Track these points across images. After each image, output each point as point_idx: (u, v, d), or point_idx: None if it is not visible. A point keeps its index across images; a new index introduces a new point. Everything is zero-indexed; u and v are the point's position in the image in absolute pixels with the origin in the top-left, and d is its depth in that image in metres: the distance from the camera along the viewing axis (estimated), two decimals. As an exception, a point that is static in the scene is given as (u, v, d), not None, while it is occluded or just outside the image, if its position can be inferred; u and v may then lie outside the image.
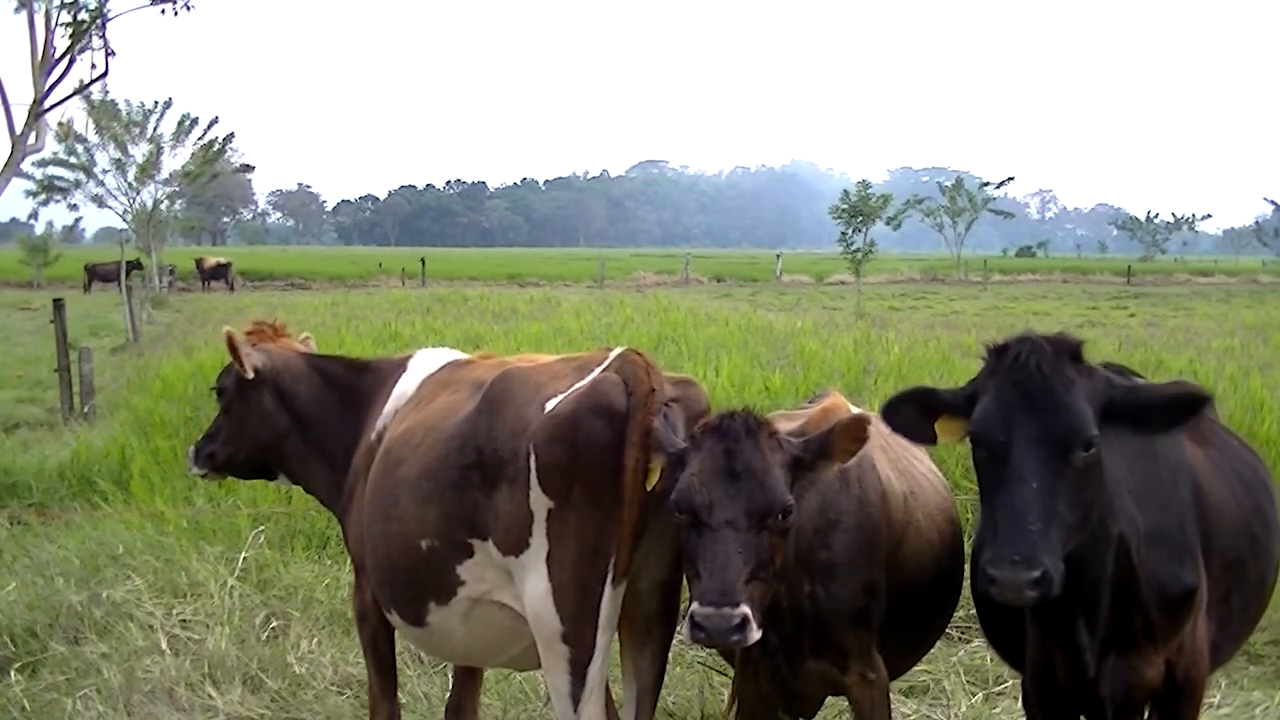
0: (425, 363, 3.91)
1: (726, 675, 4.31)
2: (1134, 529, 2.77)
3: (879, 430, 3.07)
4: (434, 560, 3.24)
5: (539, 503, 3.02)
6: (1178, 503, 2.88)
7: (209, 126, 39.22)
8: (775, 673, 3.03)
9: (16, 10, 10.27)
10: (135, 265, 31.78)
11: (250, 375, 4.06)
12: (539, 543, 3.03)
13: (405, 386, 3.82)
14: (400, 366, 3.97)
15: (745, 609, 2.61)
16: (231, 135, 40.57)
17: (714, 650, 3.84)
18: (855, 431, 2.88)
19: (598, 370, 3.15)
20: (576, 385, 3.10)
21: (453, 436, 3.24)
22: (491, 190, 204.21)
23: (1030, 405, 2.59)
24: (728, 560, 2.65)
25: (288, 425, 4.10)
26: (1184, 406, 2.63)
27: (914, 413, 2.86)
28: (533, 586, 3.04)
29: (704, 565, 2.68)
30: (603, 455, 2.95)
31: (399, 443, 3.47)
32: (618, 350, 3.24)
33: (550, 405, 3.06)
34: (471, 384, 3.50)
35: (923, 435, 2.88)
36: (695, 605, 2.64)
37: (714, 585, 2.63)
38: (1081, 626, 2.78)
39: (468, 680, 4.09)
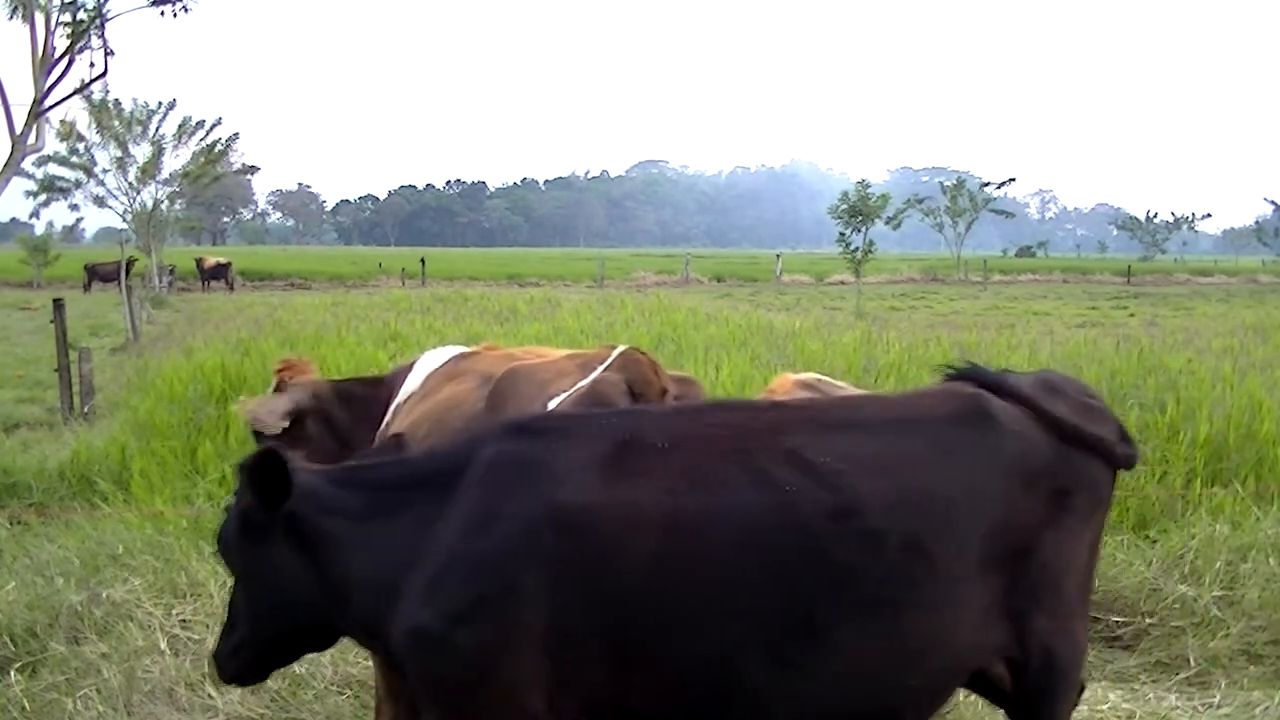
0: (430, 361, 4.00)
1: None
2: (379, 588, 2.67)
3: None
4: None
5: None
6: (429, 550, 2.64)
7: (211, 127, 39.29)
8: None
9: (10, 17, 10.29)
10: (131, 263, 31.74)
11: (278, 430, 4.13)
12: None
13: (411, 385, 3.89)
14: (408, 369, 4.07)
15: None
16: (235, 136, 40.65)
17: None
18: None
19: (600, 369, 3.16)
20: (579, 384, 3.12)
21: (459, 431, 3.27)
22: (491, 190, 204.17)
23: None
24: None
25: (335, 449, 4.15)
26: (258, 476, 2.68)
27: None
28: None
29: None
30: None
31: (406, 435, 3.49)
32: (619, 349, 3.26)
33: (553, 405, 3.09)
34: (477, 375, 3.55)
35: None
36: None
37: None
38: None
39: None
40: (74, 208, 42.14)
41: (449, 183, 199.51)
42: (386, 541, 2.68)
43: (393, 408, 3.87)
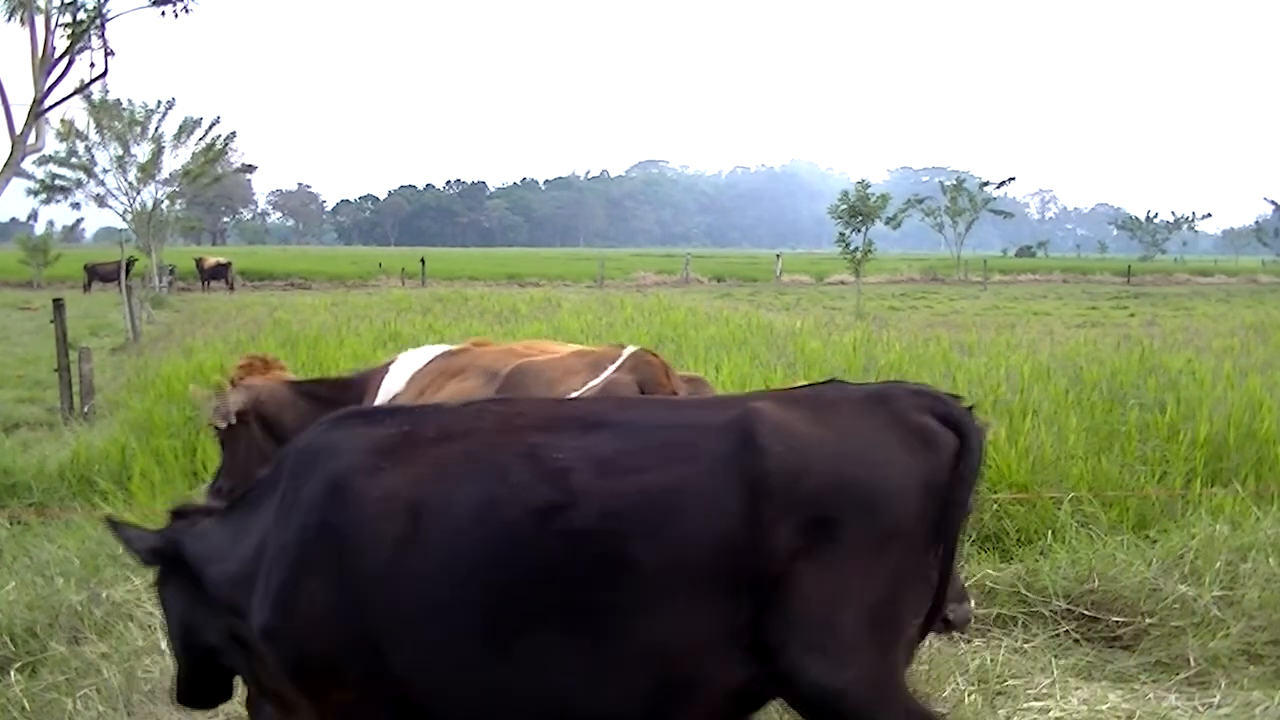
0: (410, 361, 3.97)
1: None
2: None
3: None
4: None
5: None
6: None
7: (210, 126, 39.26)
8: None
9: (8, 19, 10.30)
10: (130, 262, 31.74)
11: (223, 425, 4.14)
12: None
13: (392, 385, 3.87)
14: (382, 371, 4.04)
15: None
16: (233, 135, 40.61)
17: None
18: None
19: (611, 369, 3.16)
20: (590, 383, 3.13)
21: None
22: (491, 190, 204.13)
23: None
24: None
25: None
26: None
27: None
28: None
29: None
30: None
31: None
32: (630, 349, 3.28)
33: None
34: (481, 372, 3.54)
35: None
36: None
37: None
38: None
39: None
40: (75, 206, 42.07)
41: (449, 183, 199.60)
42: (247, 545, 2.86)
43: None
